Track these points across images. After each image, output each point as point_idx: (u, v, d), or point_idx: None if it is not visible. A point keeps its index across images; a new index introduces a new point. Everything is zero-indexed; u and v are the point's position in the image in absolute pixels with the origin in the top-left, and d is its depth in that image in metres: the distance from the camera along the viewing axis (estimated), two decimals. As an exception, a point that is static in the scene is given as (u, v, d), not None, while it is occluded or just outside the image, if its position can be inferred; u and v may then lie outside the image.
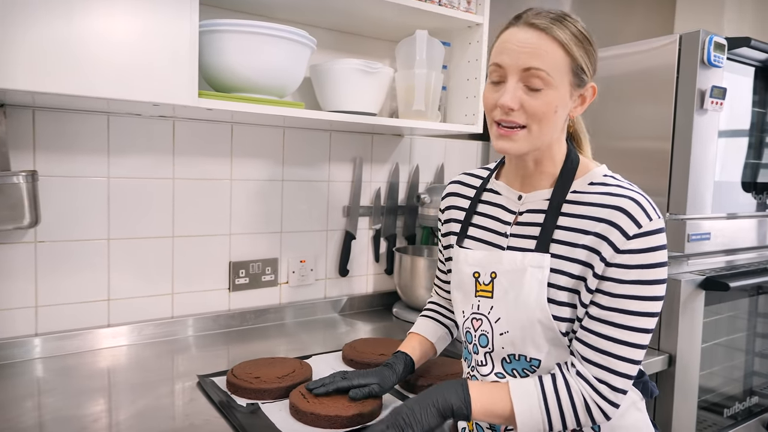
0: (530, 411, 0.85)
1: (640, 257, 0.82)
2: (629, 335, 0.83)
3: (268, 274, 1.69)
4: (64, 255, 1.38)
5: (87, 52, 1.05)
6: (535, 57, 0.83)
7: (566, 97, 0.87)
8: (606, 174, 0.90)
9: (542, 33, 0.84)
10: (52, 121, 1.34)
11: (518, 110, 0.85)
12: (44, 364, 1.30)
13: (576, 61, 0.85)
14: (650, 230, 0.82)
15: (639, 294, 0.82)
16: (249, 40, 1.23)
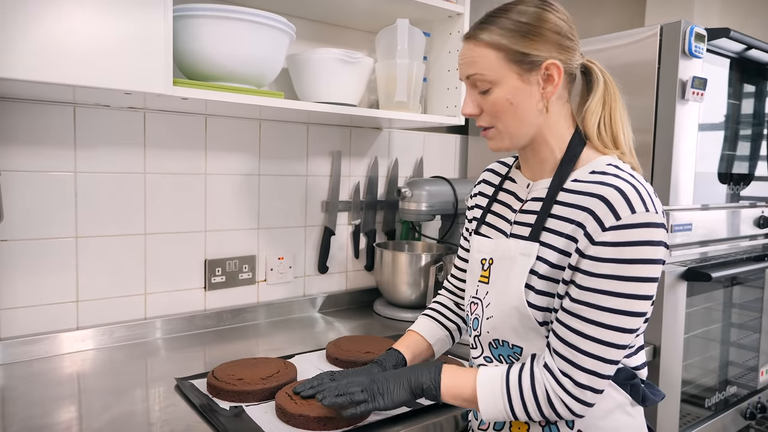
0: (493, 399, 0.85)
1: (614, 251, 0.78)
2: (598, 331, 0.79)
3: (246, 272, 1.63)
4: (30, 254, 1.30)
5: (53, 35, 0.97)
6: (470, 65, 0.89)
7: (518, 86, 0.87)
8: (610, 163, 0.86)
9: (470, 41, 0.89)
10: (13, 112, 1.25)
11: (481, 114, 0.92)
12: (8, 370, 1.22)
13: (511, 50, 0.86)
14: (630, 223, 0.77)
15: (611, 289, 0.78)
16: (226, 25, 1.17)
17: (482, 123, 0.92)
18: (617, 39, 1.57)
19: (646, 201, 0.79)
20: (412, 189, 1.76)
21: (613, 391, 0.87)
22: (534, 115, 0.89)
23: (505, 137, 0.91)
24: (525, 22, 0.86)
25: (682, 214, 1.54)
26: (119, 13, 1.03)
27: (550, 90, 0.88)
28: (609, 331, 0.79)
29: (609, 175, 0.83)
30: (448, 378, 0.90)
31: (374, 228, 1.90)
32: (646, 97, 1.51)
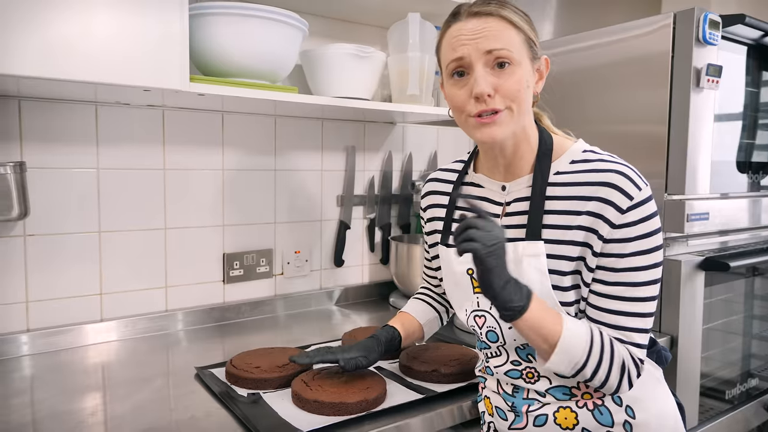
0: (573, 350, 0.81)
1: (637, 228, 0.83)
2: (638, 306, 0.84)
3: (263, 266, 1.67)
4: (55, 248, 1.34)
5: (76, 35, 1.01)
6: (493, 39, 0.84)
7: (530, 72, 0.88)
8: (585, 149, 0.90)
9: (489, 17, 0.85)
10: (39, 111, 1.30)
11: (495, 95, 0.85)
12: (36, 360, 1.26)
13: (527, 34, 0.87)
14: (642, 200, 0.83)
15: (640, 264, 0.83)
16: (240, 23, 1.20)
17: (496, 106, 0.84)
18: (631, 29, 1.56)
19: (641, 177, 0.85)
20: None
21: (648, 365, 0.92)
22: (529, 106, 0.90)
23: (513, 123, 0.86)
24: (526, 15, 0.89)
25: (698, 203, 1.53)
26: (137, 12, 1.06)
27: (540, 85, 0.92)
28: (645, 303, 0.84)
29: (597, 161, 0.87)
30: (537, 306, 0.82)
31: (389, 222, 1.92)
32: (661, 86, 1.50)
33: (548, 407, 0.92)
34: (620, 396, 0.89)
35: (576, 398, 0.90)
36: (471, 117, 0.87)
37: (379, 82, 1.58)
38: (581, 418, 0.90)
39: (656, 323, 1.54)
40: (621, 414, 0.89)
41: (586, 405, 0.89)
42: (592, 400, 0.89)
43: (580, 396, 0.90)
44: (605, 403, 0.89)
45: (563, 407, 0.91)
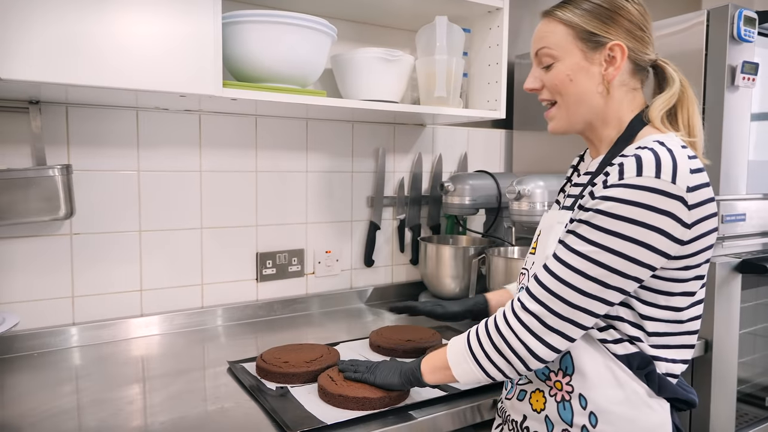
0: (463, 361, 0.90)
1: (609, 205, 0.79)
2: (562, 270, 0.81)
3: (295, 265, 1.71)
4: (99, 247, 1.42)
5: (117, 46, 1.08)
6: (539, 40, 0.94)
7: (580, 63, 0.90)
8: (657, 140, 0.84)
9: (546, 18, 0.94)
10: (84, 117, 1.38)
11: (543, 89, 0.96)
12: (81, 352, 1.34)
13: (579, 27, 0.90)
14: (632, 183, 0.77)
15: (599, 241, 0.79)
16: (270, 29, 1.25)
17: (544, 96, 0.96)
18: (663, 28, 1.54)
19: (663, 169, 0.77)
20: (455, 183, 1.78)
21: (628, 379, 0.85)
22: (593, 97, 0.91)
23: (563, 116, 0.94)
24: (601, 5, 0.90)
25: (734, 203, 1.49)
26: (173, 23, 1.12)
27: (612, 72, 0.89)
28: (570, 272, 0.81)
29: (646, 148, 0.82)
30: (427, 359, 0.98)
31: (419, 223, 1.94)
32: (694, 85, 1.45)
33: (529, 385, 0.94)
34: (586, 399, 0.86)
35: (550, 383, 0.90)
36: None
37: (407, 84, 1.60)
38: (548, 406, 0.91)
39: (689, 326, 1.51)
40: (582, 417, 0.87)
41: (556, 396, 0.90)
42: (562, 392, 0.89)
43: (552, 383, 0.90)
44: (571, 400, 0.88)
45: (539, 389, 0.92)
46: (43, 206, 1.23)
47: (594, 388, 0.86)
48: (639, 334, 0.85)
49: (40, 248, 1.35)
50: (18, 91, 1.17)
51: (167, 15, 1.12)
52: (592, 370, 0.86)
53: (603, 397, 0.85)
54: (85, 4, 1.04)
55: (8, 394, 1.09)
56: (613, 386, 0.85)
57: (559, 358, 0.89)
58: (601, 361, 0.86)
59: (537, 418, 0.92)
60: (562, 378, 0.88)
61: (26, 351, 1.32)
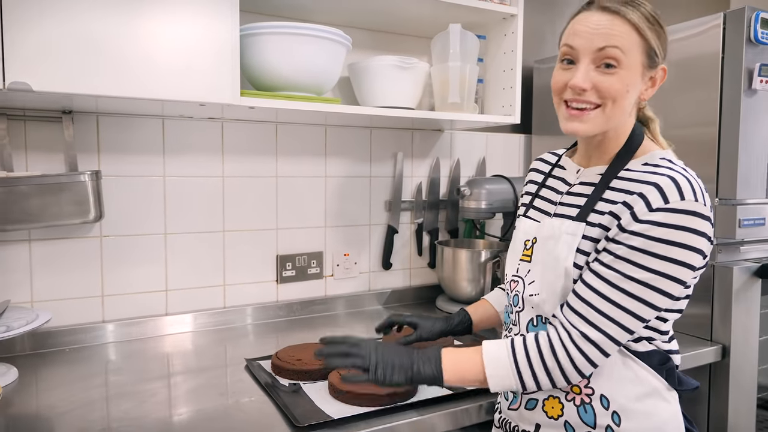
0: (503, 371, 0.88)
1: (657, 230, 0.81)
2: (619, 296, 0.83)
3: (314, 267, 1.76)
4: (127, 248, 1.49)
5: (141, 57, 1.14)
6: (609, 37, 0.86)
7: (638, 78, 0.89)
8: (663, 157, 0.89)
9: (615, 15, 0.86)
10: (114, 125, 1.45)
11: (590, 90, 0.88)
12: (110, 348, 1.41)
13: (648, 42, 0.87)
14: (678, 208, 0.81)
15: (643, 263, 0.82)
16: (286, 40, 1.30)
17: (589, 99, 0.88)
18: (679, 31, 1.54)
19: (697, 192, 0.82)
20: (471, 188, 1.80)
21: (648, 375, 0.89)
22: (629, 109, 0.91)
23: (601, 121, 0.89)
24: (657, 19, 0.89)
25: (752, 207, 1.47)
26: (192, 36, 1.18)
27: (650, 92, 0.92)
28: (631, 300, 0.83)
29: (662, 167, 0.87)
30: (450, 362, 0.92)
31: (437, 227, 1.96)
32: (711, 89, 1.46)
33: (540, 393, 0.94)
34: (608, 399, 0.88)
35: (566, 389, 0.91)
36: (562, 104, 0.92)
37: (423, 91, 1.64)
38: (566, 411, 0.92)
39: (706, 331, 1.50)
40: (605, 418, 0.89)
41: (574, 400, 0.91)
42: (581, 396, 0.90)
43: (570, 388, 0.91)
44: (592, 402, 0.89)
45: (553, 396, 0.93)
46: (74, 210, 1.31)
47: (615, 388, 0.88)
48: (652, 334, 0.90)
49: (73, 250, 1.43)
50: (52, 101, 1.25)
51: (188, 28, 1.18)
52: (612, 370, 0.89)
53: (624, 396, 0.88)
54: (109, 19, 1.11)
55: (41, 386, 1.17)
56: (633, 383, 0.88)
57: None
58: (620, 360, 0.89)
59: (554, 425, 0.93)
60: (581, 381, 0.90)
61: (59, 346, 1.40)
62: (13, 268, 1.37)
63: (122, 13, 1.12)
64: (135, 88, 1.14)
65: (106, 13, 1.10)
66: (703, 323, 1.51)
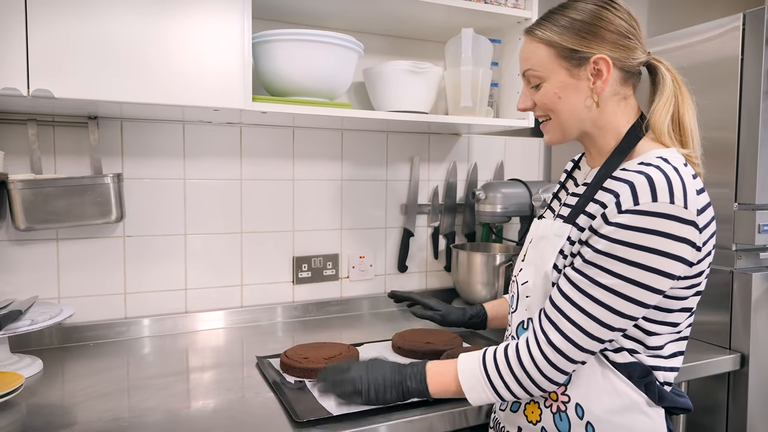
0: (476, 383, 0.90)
1: (624, 233, 0.78)
2: (586, 302, 0.81)
3: (330, 269, 1.79)
4: (148, 248, 1.56)
5: (157, 65, 1.20)
6: (523, 61, 0.96)
7: (567, 81, 0.90)
8: (660, 156, 0.85)
9: (527, 37, 0.95)
10: (137, 130, 1.52)
11: (535, 107, 0.97)
12: (131, 343, 1.48)
13: (560, 46, 0.89)
14: (648, 210, 0.77)
15: (611, 269, 0.79)
16: (298, 47, 1.34)
17: (538, 113, 0.97)
18: (698, 33, 1.51)
19: (675, 193, 0.77)
20: (486, 191, 1.81)
21: (627, 388, 0.86)
22: (584, 111, 0.91)
23: (557, 130, 0.95)
24: (580, 19, 0.89)
25: (773, 213, 1.43)
26: (207, 44, 1.23)
27: (600, 85, 0.89)
28: (595, 305, 0.81)
29: (651, 165, 0.82)
30: (433, 376, 0.95)
31: (453, 230, 1.97)
32: (729, 92, 1.43)
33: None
34: (583, 408, 0.87)
35: (545, 395, 0.91)
36: None
37: (437, 95, 1.65)
38: (544, 417, 0.91)
39: (725, 339, 1.46)
40: (580, 427, 0.87)
41: (551, 407, 0.90)
42: (557, 403, 0.89)
43: (548, 395, 0.90)
44: (567, 410, 0.88)
45: (533, 401, 0.93)
46: (97, 210, 1.38)
47: (591, 398, 0.86)
48: (636, 347, 0.87)
49: (97, 249, 1.50)
50: (78, 108, 1.32)
51: (202, 37, 1.23)
52: (589, 379, 0.87)
53: (600, 407, 0.86)
54: (127, 28, 1.17)
55: (63, 377, 1.23)
56: (611, 395, 0.86)
57: None
58: (599, 370, 0.87)
59: (533, 430, 0.93)
60: (557, 389, 0.89)
61: (83, 341, 1.47)
62: (42, 265, 1.44)
63: (140, 22, 1.17)
64: (150, 94, 1.20)
65: (124, 22, 1.16)
66: (722, 330, 1.47)
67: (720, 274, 1.47)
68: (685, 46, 1.55)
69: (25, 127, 1.39)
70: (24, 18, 1.08)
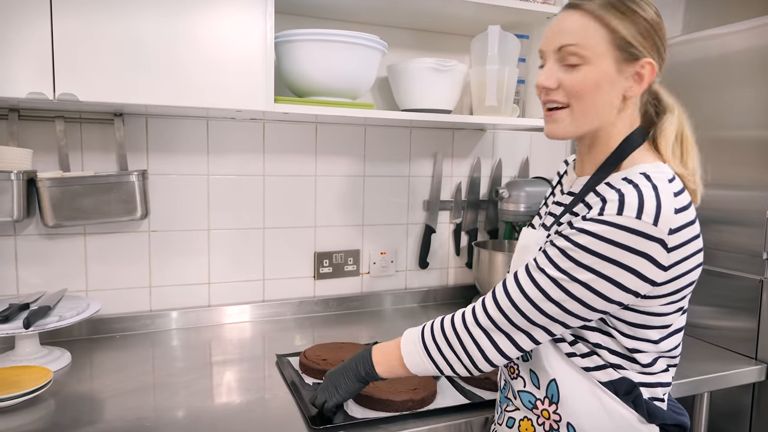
0: (415, 351, 0.92)
1: (581, 237, 0.78)
2: (528, 285, 0.82)
3: (351, 265, 1.80)
4: (173, 243, 1.58)
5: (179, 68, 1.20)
6: (567, 34, 0.84)
7: (611, 73, 0.83)
8: (643, 172, 0.82)
9: (577, 11, 0.84)
10: (161, 126, 1.54)
11: (557, 89, 0.86)
12: (156, 336, 1.51)
13: (617, 33, 0.82)
14: (611, 221, 0.76)
15: (560, 265, 0.79)
16: (320, 47, 1.32)
17: (557, 98, 0.86)
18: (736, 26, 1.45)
19: (645, 210, 0.75)
20: (510, 190, 1.78)
21: (617, 406, 0.85)
22: (609, 110, 0.86)
23: (573, 121, 0.87)
24: (644, 17, 0.83)
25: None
26: (227, 45, 1.23)
27: (636, 89, 0.86)
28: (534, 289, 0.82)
29: (630, 183, 0.80)
30: (378, 356, 0.98)
31: (476, 227, 1.95)
32: (767, 89, 1.37)
33: (517, 413, 0.94)
34: (575, 428, 0.86)
35: (537, 412, 0.90)
36: (544, 107, 0.90)
37: (462, 91, 1.62)
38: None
39: (751, 348, 1.43)
40: None
41: (544, 424, 0.89)
42: (549, 421, 0.89)
43: (540, 411, 0.90)
44: (560, 429, 0.87)
45: (528, 417, 0.92)
46: (122, 208, 1.40)
47: (581, 416, 0.86)
48: (621, 362, 0.86)
49: (124, 243, 1.53)
50: (104, 105, 1.33)
51: (224, 39, 1.23)
52: (579, 398, 0.86)
53: (590, 426, 0.85)
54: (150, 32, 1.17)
55: (91, 372, 1.27)
56: (600, 413, 0.85)
57: (545, 386, 0.89)
58: (587, 388, 0.86)
59: None
60: (548, 406, 0.89)
61: (110, 333, 1.51)
62: (70, 259, 1.48)
63: (163, 23, 1.18)
64: (174, 97, 1.21)
65: (148, 24, 1.17)
66: (748, 338, 1.43)
67: (748, 281, 1.43)
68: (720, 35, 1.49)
69: (52, 123, 1.41)
70: (49, 22, 1.10)
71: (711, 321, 1.53)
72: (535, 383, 0.91)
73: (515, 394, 0.95)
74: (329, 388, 1.01)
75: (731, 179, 1.47)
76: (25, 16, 1.08)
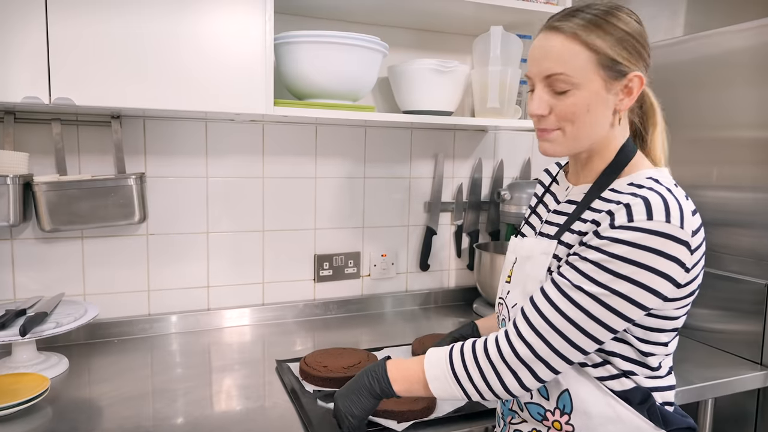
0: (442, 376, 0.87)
1: (615, 247, 0.76)
2: (565, 305, 0.80)
3: (351, 267, 1.78)
4: (171, 246, 1.56)
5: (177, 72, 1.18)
6: (553, 62, 0.84)
7: (600, 93, 0.84)
8: (650, 177, 0.84)
9: (559, 34, 0.84)
10: (159, 128, 1.52)
11: (549, 115, 0.86)
12: (154, 340, 1.49)
13: (602, 53, 0.82)
14: (642, 227, 0.75)
15: (594, 277, 0.78)
16: (320, 49, 1.30)
17: (547, 125, 0.87)
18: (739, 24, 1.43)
19: (672, 214, 0.76)
20: (512, 192, 1.76)
21: (632, 416, 0.84)
22: (603, 127, 0.87)
23: (567, 143, 0.87)
24: (628, 32, 0.83)
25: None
26: (226, 48, 1.21)
27: (626, 103, 0.86)
28: (575, 310, 0.79)
29: (644, 188, 0.81)
30: (396, 373, 0.92)
31: (477, 228, 1.94)
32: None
33: (524, 425, 0.93)
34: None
35: (547, 423, 0.89)
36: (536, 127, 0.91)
37: (463, 92, 1.61)
38: None
39: (756, 353, 1.41)
40: None
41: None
42: (561, 431, 0.88)
43: (551, 423, 0.89)
44: None
45: (537, 429, 0.91)
46: (120, 212, 1.38)
47: (596, 427, 0.85)
48: (633, 368, 0.85)
49: (121, 247, 1.51)
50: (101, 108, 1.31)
51: (222, 42, 1.21)
52: (593, 408, 0.85)
53: None
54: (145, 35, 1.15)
55: (89, 378, 1.26)
56: (615, 423, 0.84)
57: (556, 397, 0.88)
58: (602, 398, 0.85)
59: None
60: (560, 417, 0.87)
61: (108, 337, 1.49)
62: (68, 263, 1.46)
63: (160, 26, 1.16)
64: (171, 100, 1.19)
65: (144, 27, 1.15)
66: (753, 342, 1.42)
67: (754, 285, 1.41)
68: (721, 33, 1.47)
69: (49, 126, 1.39)
70: (45, 25, 1.08)
71: (716, 325, 1.51)
72: (543, 394, 0.89)
73: (522, 406, 0.93)
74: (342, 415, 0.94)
75: (736, 181, 1.45)
76: (20, 18, 1.06)
